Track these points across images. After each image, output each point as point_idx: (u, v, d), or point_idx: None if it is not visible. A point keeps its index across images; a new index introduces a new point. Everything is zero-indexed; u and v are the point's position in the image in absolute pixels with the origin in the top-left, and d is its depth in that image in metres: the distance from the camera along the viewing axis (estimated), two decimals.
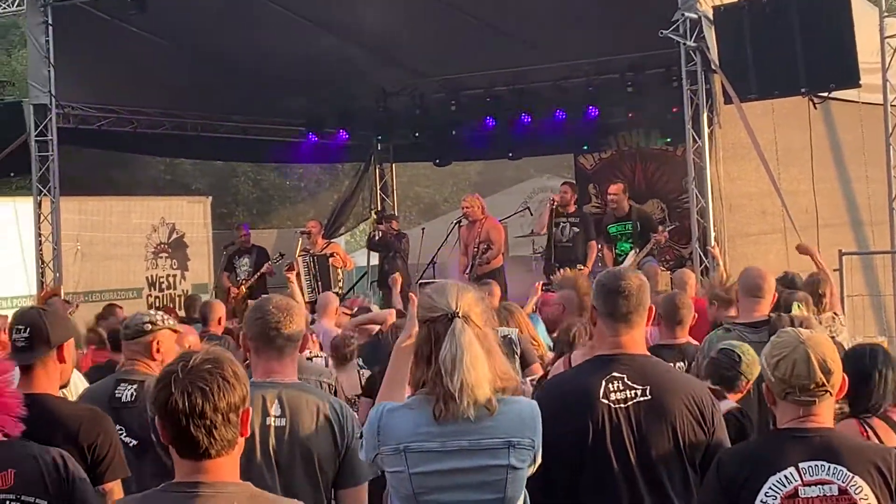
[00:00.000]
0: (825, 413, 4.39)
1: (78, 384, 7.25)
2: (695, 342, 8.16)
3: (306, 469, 4.93)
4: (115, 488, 5.06)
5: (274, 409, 4.90)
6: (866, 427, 5.36)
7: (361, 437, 4.41)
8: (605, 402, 4.84)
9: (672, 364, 7.20)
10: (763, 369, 4.43)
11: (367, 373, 9.52)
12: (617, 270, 5.33)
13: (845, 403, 5.27)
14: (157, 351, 6.39)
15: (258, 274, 18.54)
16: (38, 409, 4.90)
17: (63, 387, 5.53)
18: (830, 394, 4.37)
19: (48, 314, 5.40)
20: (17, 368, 4.76)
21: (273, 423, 4.90)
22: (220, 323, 10.81)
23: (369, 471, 4.91)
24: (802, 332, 4.41)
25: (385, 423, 4.26)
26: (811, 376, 4.30)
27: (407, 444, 4.19)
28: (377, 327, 11.23)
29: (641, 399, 4.84)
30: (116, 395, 6.29)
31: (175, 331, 6.62)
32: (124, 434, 5.97)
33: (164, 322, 6.51)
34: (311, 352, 9.01)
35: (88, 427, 5.12)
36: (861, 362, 5.50)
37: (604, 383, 4.86)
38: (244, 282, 18.57)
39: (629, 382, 4.86)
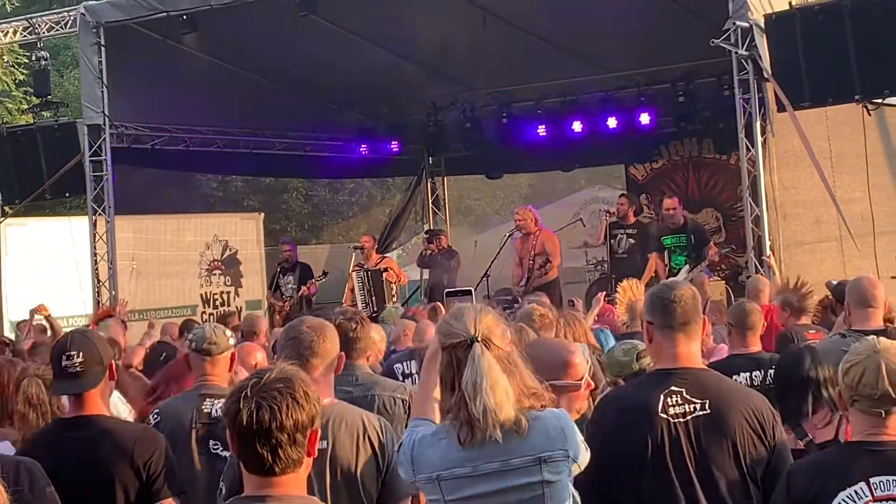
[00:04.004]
0: None
1: (118, 404, 7.25)
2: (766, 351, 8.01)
3: (350, 491, 4.95)
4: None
5: None
6: None
7: None
8: (664, 416, 4.80)
9: (748, 373, 7.14)
10: (837, 374, 4.35)
11: None
12: (669, 282, 5.31)
13: None
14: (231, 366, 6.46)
15: (299, 295, 18.48)
16: (94, 428, 5.10)
17: None
18: None
19: (91, 335, 5.43)
20: None
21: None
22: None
23: (412, 487, 4.91)
24: (882, 342, 4.28)
25: (417, 455, 4.27)
26: (878, 386, 4.17)
27: (439, 472, 4.19)
28: None
29: (700, 413, 4.80)
30: (205, 411, 6.28)
31: None
32: (220, 448, 6.07)
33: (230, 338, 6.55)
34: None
35: (143, 445, 5.17)
36: None
37: (662, 398, 4.82)
38: (289, 300, 18.59)
39: (688, 396, 4.82)
